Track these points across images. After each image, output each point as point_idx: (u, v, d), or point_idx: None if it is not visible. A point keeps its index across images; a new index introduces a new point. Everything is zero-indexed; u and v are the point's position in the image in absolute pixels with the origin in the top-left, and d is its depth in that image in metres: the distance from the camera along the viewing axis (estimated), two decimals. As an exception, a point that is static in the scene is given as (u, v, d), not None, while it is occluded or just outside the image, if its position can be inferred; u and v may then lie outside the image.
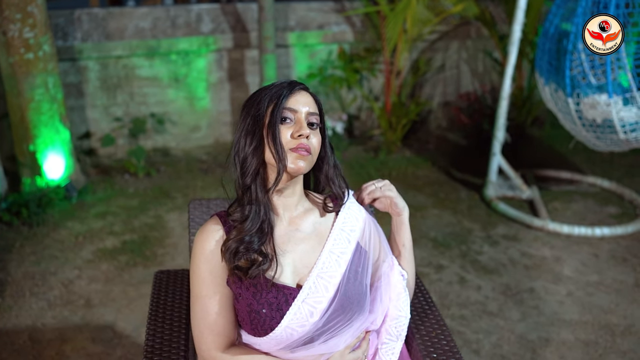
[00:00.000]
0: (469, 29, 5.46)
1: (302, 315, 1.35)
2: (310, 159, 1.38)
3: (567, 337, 2.80)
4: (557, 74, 3.58)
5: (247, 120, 1.38)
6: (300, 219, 1.45)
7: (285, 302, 1.35)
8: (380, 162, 4.92)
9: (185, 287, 1.80)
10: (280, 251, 1.40)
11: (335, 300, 1.38)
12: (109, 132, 4.76)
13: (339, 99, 5.32)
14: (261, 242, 1.36)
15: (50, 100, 3.97)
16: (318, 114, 1.42)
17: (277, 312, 1.34)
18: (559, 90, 3.61)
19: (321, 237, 1.45)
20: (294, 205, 1.45)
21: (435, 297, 3.10)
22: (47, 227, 3.77)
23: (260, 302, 1.34)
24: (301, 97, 1.41)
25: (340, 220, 1.48)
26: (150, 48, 4.68)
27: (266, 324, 1.35)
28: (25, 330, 2.79)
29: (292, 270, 1.40)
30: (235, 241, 1.34)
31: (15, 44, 3.76)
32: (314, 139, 1.39)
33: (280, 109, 1.36)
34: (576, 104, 3.50)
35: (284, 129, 1.37)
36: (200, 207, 1.89)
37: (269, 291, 1.35)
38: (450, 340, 1.57)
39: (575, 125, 3.65)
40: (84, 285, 3.16)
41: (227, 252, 1.34)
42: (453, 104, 5.66)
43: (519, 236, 3.74)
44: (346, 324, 1.41)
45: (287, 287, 1.37)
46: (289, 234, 1.43)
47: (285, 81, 1.43)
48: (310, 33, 5.05)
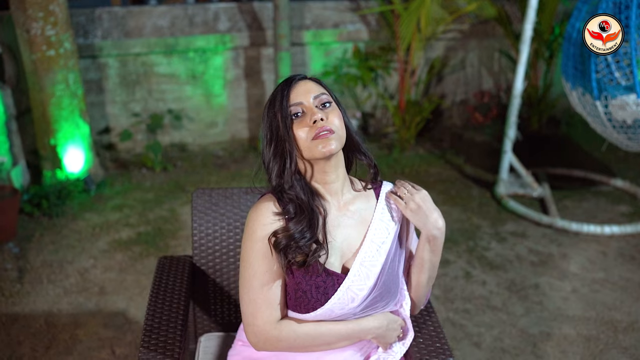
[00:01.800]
0: (486, 29, 5.48)
1: (344, 301, 1.41)
2: (336, 136, 1.39)
3: (569, 332, 2.83)
4: (582, 77, 3.53)
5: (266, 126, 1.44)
6: (348, 204, 1.49)
7: (332, 286, 1.40)
8: (393, 159, 4.97)
9: (186, 272, 1.88)
10: (331, 236, 1.44)
11: (375, 289, 1.44)
12: (127, 128, 4.88)
13: (354, 96, 5.38)
14: (312, 236, 1.39)
15: (70, 95, 4.10)
16: (325, 92, 1.44)
17: (322, 295, 1.40)
18: (586, 94, 3.55)
19: (365, 224, 1.49)
20: (340, 190, 1.48)
21: (439, 291, 3.15)
22: (66, 218, 3.90)
23: (309, 284, 1.39)
24: (300, 87, 1.42)
25: (379, 210, 1.51)
26: (169, 46, 4.80)
27: (310, 305, 1.40)
28: (42, 315, 2.91)
29: (340, 255, 1.45)
30: (286, 238, 1.37)
31: (37, 41, 3.89)
32: (332, 116, 1.40)
33: (287, 107, 1.40)
34: (604, 106, 3.45)
35: (299, 125, 1.39)
36: (203, 196, 1.97)
37: (319, 275, 1.40)
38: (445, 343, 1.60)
39: (605, 127, 3.59)
40: (99, 274, 3.27)
41: (278, 248, 1.38)
42: (468, 102, 5.68)
43: (527, 233, 3.76)
44: (380, 310, 1.49)
45: (335, 273, 1.42)
46: (339, 219, 1.47)
47: (283, 83, 1.45)
48: (326, 31, 5.11)
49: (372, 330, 1.48)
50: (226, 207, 1.96)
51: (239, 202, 1.97)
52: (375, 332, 1.49)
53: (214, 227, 1.95)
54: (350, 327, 1.46)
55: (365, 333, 1.48)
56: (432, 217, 1.45)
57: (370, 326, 1.47)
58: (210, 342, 1.91)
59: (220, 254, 1.95)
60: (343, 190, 1.49)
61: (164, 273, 1.87)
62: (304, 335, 1.43)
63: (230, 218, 1.96)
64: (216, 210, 1.96)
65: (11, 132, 4.17)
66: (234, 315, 2.00)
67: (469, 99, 5.68)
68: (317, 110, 1.39)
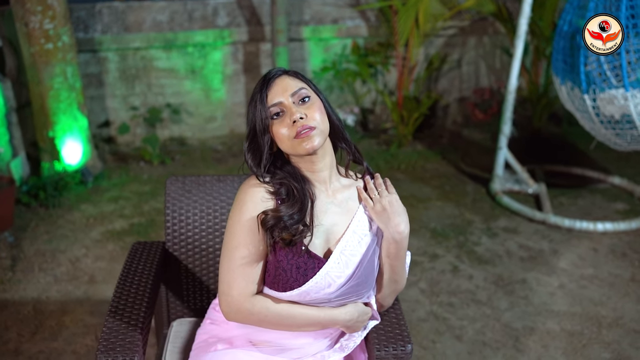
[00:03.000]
0: (486, 25, 5.47)
1: (321, 285, 1.43)
2: (318, 132, 1.41)
3: (553, 327, 2.83)
4: (572, 71, 3.51)
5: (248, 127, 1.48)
6: (337, 192, 1.52)
7: (312, 269, 1.43)
8: (390, 154, 4.98)
9: (157, 257, 1.91)
10: (317, 220, 1.47)
11: (352, 278, 1.46)
12: (126, 121, 4.94)
13: (353, 92, 5.39)
14: (300, 219, 1.42)
15: (68, 88, 4.16)
16: (304, 87, 1.45)
17: (302, 276, 1.43)
18: (575, 88, 3.54)
19: (350, 214, 1.52)
20: (328, 178, 1.51)
21: (425, 284, 3.16)
22: (62, 209, 3.96)
23: (290, 263, 1.42)
24: (278, 86, 1.44)
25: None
26: (168, 40, 4.84)
27: (288, 284, 1.43)
28: (31, 302, 2.96)
29: (324, 239, 1.48)
30: (274, 218, 1.40)
31: (35, 34, 3.95)
32: (312, 111, 1.42)
33: (266, 108, 1.42)
34: (592, 100, 3.44)
35: (279, 124, 1.42)
36: (177, 183, 2.00)
37: (301, 256, 1.43)
38: (405, 330, 1.61)
39: (593, 123, 3.56)
40: (90, 263, 3.32)
41: (265, 226, 1.41)
42: (468, 100, 5.67)
43: (519, 229, 3.75)
44: (354, 300, 1.51)
45: (317, 256, 1.45)
46: (326, 205, 1.50)
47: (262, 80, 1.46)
48: (325, 27, 5.13)
49: (343, 322, 1.51)
50: (199, 194, 1.99)
51: (211, 190, 2.00)
52: (345, 324, 1.52)
53: (186, 213, 1.98)
54: (322, 315, 1.48)
55: (335, 323, 1.51)
56: (394, 221, 1.48)
57: (341, 318, 1.50)
58: (182, 327, 1.94)
59: (192, 240, 1.98)
60: (331, 178, 1.52)
61: (136, 257, 1.90)
62: (275, 314, 1.45)
63: (203, 205, 1.99)
64: (189, 197, 1.99)
65: (11, 124, 4.23)
66: (206, 302, 2.03)
67: (469, 96, 5.66)
68: (296, 108, 1.41)
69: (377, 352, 1.53)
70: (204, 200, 1.98)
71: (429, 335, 2.75)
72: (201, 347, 1.58)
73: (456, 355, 2.63)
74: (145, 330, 1.61)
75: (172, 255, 1.98)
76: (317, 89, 1.50)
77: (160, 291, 2.02)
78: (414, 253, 3.45)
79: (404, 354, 1.54)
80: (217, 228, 1.97)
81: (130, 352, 1.49)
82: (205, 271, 2.00)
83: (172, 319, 2.04)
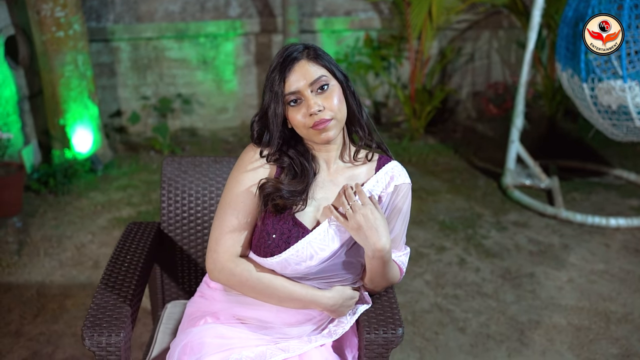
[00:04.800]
0: (501, 19, 5.39)
1: (303, 255, 1.42)
2: (334, 123, 1.40)
3: (559, 321, 2.77)
4: (572, 58, 3.49)
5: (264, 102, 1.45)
6: (338, 172, 1.51)
7: (295, 237, 1.43)
8: (402, 148, 4.93)
9: (151, 237, 1.89)
10: (312, 195, 1.46)
11: (337, 254, 1.44)
12: (137, 110, 4.95)
13: (365, 85, 5.35)
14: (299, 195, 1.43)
15: (79, 77, 4.17)
16: (324, 74, 1.41)
17: (284, 243, 1.42)
18: (575, 76, 3.52)
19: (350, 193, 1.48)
20: (334, 158, 1.50)
21: (431, 276, 3.11)
22: (71, 196, 3.98)
23: (275, 228, 1.43)
24: (298, 72, 1.40)
25: (372, 182, 1.50)
26: (179, 30, 4.84)
27: (269, 249, 1.43)
28: (35, 286, 2.97)
29: (313, 213, 1.47)
30: (274, 187, 1.41)
31: (47, 22, 3.97)
32: (330, 100, 1.40)
33: (282, 97, 1.40)
34: (591, 89, 3.42)
35: (296, 111, 1.41)
36: (173, 164, 1.98)
37: (286, 221, 1.43)
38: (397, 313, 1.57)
39: (591, 112, 3.56)
40: (95, 249, 3.33)
41: (263, 192, 1.42)
42: (482, 94, 5.60)
43: (530, 223, 3.69)
44: (341, 281, 1.49)
45: (303, 225, 1.44)
46: (325, 182, 1.49)
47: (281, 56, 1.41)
48: (337, 19, 5.10)
49: (325, 305, 1.48)
50: (195, 176, 1.97)
51: (207, 171, 1.98)
52: (327, 308, 1.49)
53: (182, 194, 1.96)
54: (304, 292, 1.46)
55: (317, 304, 1.48)
56: (372, 238, 1.39)
57: (324, 301, 1.48)
58: (176, 308, 1.92)
59: (187, 222, 1.96)
60: (336, 159, 1.50)
61: (130, 236, 1.89)
62: (257, 280, 1.44)
63: (199, 186, 1.97)
64: (185, 178, 1.97)
65: (23, 112, 4.26)
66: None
67: (484, 90, 5.59)
68: (314, 100, 1.39)
69: (367, 334, 1.50)
70: (200, 181, 1.97)
71: (432, 326, 2.71)
72: (188, 321, 1.57)
73: (459, 348, 2.58)
74: (134, 308, 1.60)
75: (167, 236, 1.97)
76: (337, 69, 1.45)
77: (155, 273, 2.01)
78: (421, 245, 3.41)
79: (394, 337, 1.50)
80: (212, 210, 1.95)
81: (116, 329, 1.47)
82: (200, 253, 1.98)
83: (167, 301, 2.03)
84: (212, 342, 1.44)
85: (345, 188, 1.46)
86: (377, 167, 1.53)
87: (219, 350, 1.42)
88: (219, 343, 1.44)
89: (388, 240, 1.41)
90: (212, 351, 1.41)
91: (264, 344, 1.48)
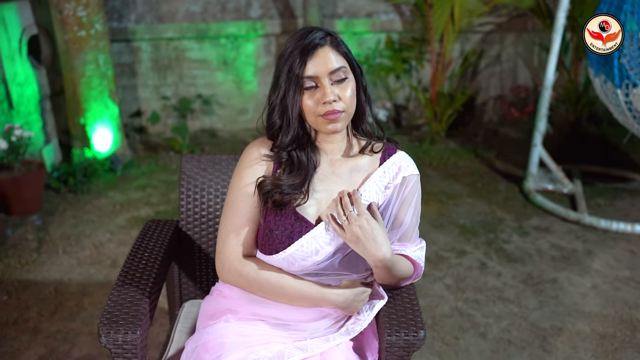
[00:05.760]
0: (525, 22, 5.32)
1: (308, 250, 1.39)
2: (344, 115, 1.38)
3: (583, 328, 2.70)
4: (605, 64, 3.42)
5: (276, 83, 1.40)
6: (339, 163, 1.47)
7: (298, 232, 1.40)
8: (422, 151, 4.88)
9: (169, 235, 1.87)
10: (313, 188, 1.44)
11: (344, 248, 1.40)
12: (157, 110, 4.96)
13: (386, 87, 5.31)
14: (299, 188, 1.40)
15: (100, 76, 4.19)
16: (344, 65, 1.38)
17: (287, 239, 1.39)
18: (608, 82, 3.44)
19: (353, 185, 1.46)
20: (337, 149, 1.47)
21: (451, 280, 3.06)
22: (90, 195, 3.99)
23: (277, 224, 1.40)
24: (319, 57, 1.35)
25: (379, 173, 1.46)
26: (200, 31, 4.85)
27: (273, 246, 1.40)
28: (53, 283, 2.97)
29: (317, 207, 1.44)
30: (273, 184, 1.40)
31: (69, 21, 3.99)
32: (345, 92, 1.37)
33: (300, 80, 1.34)
34: (625, 95, 3.33)
35: (308, 97, 1.36)
36: (192, 161, 1.96)
37: (288, 216, 1.40)
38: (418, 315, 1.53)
39: (626, 117, 3.48)
40: (113, 248, 3.33)
41: (262, 190, 1.41)
42: (505, 97, 5.53)
43: (552, 228, 3.62)
44: (348, 277, 1.45)
45: (306, 219, 1.41)
46: (326, 174, 1.46)
47: (305, 40, 1.36)
48: (359, 21, 5.07)
49: (335, 302, 1.45)
50: (214, 173, 1.95)
51: (227, 169, 1.96)
52: (338, 305, 1.46)
53: (201, 192, 1.94)
54: (313, 290, 1.44)
55: (327, 303, 1.45)
56: (370, 249, 1.35)
57: (333, 298, 1.45)
58: (193, 308, 1.90)
59: (206, 220, 1.94)
60: (340, 150, 1.47)
61: (148, 233, 1.87)
62: (264, 280, 1.42)
63: (218, 184, 1.95)
64: (204, 176, 1.95)
65: (45, 111, 4.29)
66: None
67: (506, 93, 5.52)
68: (330, 89, 1.35)
69: (388, 336, 1.46)
70: (219, 179, 1.94)
71: (452, 331, 2.66)
72: (207, 318, 1.54)
73: (479, 353, 2.53)
74: (151, 306, 1.58)
75: (186, 234, 1.94)
76: (355, 62, 1.42)
77: (172, 272, 1.99)
78: (441, 248, 3.36)
79: (416, 340, 1.46)
80: (231, 208, 1.92)
81: (133, 326, 1.45)
82: (219, 252, 1.95)
83: (184, 300, 2.00)
84: (231, 341, 1.42)
85: (341, 195, 1.40)
86: (382, 158, 1.49)
87: (238, 349, 1.40)
88: (239, 342, 1.42)
89: (388, 249, 1.37)
90: (231, 350, 1.39)
91: (281, 342, 1.45)
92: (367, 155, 1.49)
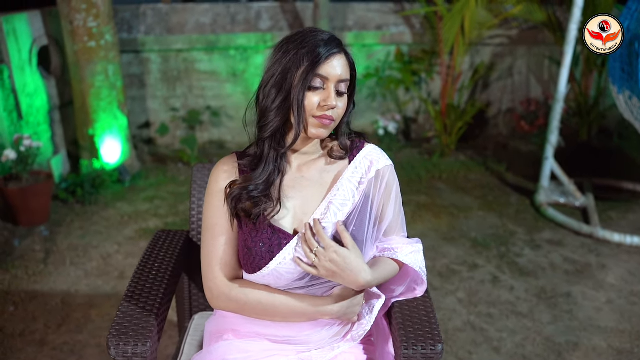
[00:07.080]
0: (535, 35, 5.30)
1: (291, 262, 1.35)
2: (332, 125, 1.36)
3: (599, 343, 2.64)
4: (630, 79, 3.34)
5: (277, 69, 1.32)
6: (307, 166, 1.44)
7: (278, 245, 1.36)
8: (432, 164, 4.84)
9: (179, 246, 1.84)
10: (285, 196, 1.40)
11: None
12: (166, 122, 4.95)
13: (396, 100, 5.29)
14: (265, 190, 1.37)
15: (109, 87, 4.19)
16: (349, 79, 1.37)
17: (267, 253, 1.36)
18: (634, 98, 3.37)
19: (325, 186, 1.43)
20: (305, 152, 1.44)
21: (463, 294, 3.01)
22: (98, 206, 3.96)
23: (255, 240, 1.36)
24: (336, 61, 1.32)
25: (350, 170, 1.43)
26: (210, 42, 4.84)
27: (255, 263, 1.37)
28: (60, 294, 2.94)
29: (292, 216, 1.40)
30: (240, 188, 1.37)
31: (79, 32, 4.00)
32: (342, 104, 1.36)
33: (312, 75, 1.30)
34: None
35: (311, 95, 1.32)
36: (203, 170, 1.94)
37: (264, 231, 1.36)
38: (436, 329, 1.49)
39: None
40: (121, 259, 3.29)
41: (230, 197, 1.37)
42: (515, 111, 5.49)
43: (565, 242, 3.57)
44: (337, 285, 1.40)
45: (283, 231, 1.37)
46: (295, 180, 1.42)
47: (324, 37, 1.33)
48: (369, 33, 5.06)
49: (331, 313, 1.41)
50: (226, 183, 1.92)
51: (238, 178, 1.92)
52: (334, 316, 1.42)
53: (212, 202, 1.91)
54: (306, 305, 1.39)
55: (322, 315, 1.41)
56: (349, 280, 1.32)
57: (328, 310, 1.40)
58: (203, 320, 1.86)
59: (217, 230, 1.91)
60: (307, 153, 1.44)
61: (158, 244, 1.84)
62: (255, 302, 1.38)
63: (229, 194, 1.91)
64: (215, 186, 1.92)
65: (54, 121, 4.28)
66: (229, 295, 1.95)
67: (516, 107, 5.49)
68: (334, 96, 1.33)
69: (405, 350, 1.42)
70: (231, 189, 1.91)
71: (465, 345, 2.61)
72: (209, 338, 1.52)
73: (493, 368, 2.48)
74: (161, 318, 1.54)
75: (196, 245, 1.91)
76: (355, 83, 1.42)
77: (182, 283, 1.96)
78: (453, 262, 3.31)
79: (433, 354, 1.42)
80: (242, 218, 1.89)
81: (142, 338, 1.41)
82: (229, 263, 1.92)
83: (194, 312, 1.97)
84: (235, 358, 1.40)
85: (306, 228, 1.34)
86: (352, 154, 1.46)
87: None
88: (242, 357, 1.40)
89: (367, 273, 1.33)
90: None
91: (285, 355, 1.42)
92: (335, 154, 1.46)
